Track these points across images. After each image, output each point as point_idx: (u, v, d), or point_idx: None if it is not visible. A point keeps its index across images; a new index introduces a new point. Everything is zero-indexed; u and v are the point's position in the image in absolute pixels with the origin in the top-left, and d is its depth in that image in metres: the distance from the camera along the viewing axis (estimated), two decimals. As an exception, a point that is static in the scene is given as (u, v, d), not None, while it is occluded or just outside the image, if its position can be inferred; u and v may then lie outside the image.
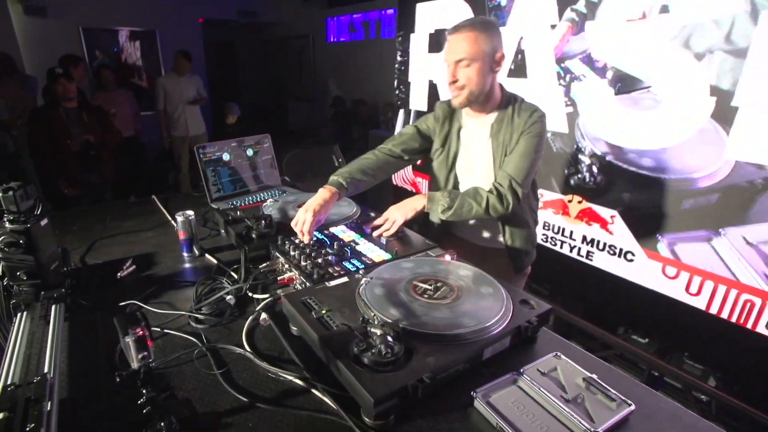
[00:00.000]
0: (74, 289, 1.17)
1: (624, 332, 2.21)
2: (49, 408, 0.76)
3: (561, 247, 2.39)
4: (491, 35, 1.34)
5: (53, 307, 1.08)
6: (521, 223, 1.53)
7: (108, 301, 1.16)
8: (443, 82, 3.02)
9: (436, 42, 2.92)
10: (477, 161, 1.53)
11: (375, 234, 1.38)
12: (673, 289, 1.93)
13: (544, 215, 2.46)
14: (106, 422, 0.84)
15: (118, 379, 0.80)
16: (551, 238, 2.45)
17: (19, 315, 1.06)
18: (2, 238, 1.06)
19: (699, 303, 1.85)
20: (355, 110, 5.84)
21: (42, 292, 1.10)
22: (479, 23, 1.34)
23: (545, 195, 2.43)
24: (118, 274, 1.30)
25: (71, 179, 3.15)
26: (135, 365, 0.79)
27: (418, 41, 3.08)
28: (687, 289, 1.89)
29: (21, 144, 3.78)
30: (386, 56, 4.53)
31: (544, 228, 2.47)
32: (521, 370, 0.88)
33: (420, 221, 1.66)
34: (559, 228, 2.40)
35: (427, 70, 3.07)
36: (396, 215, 1.40)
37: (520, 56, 2.40)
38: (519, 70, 2.40)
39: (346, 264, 1.18)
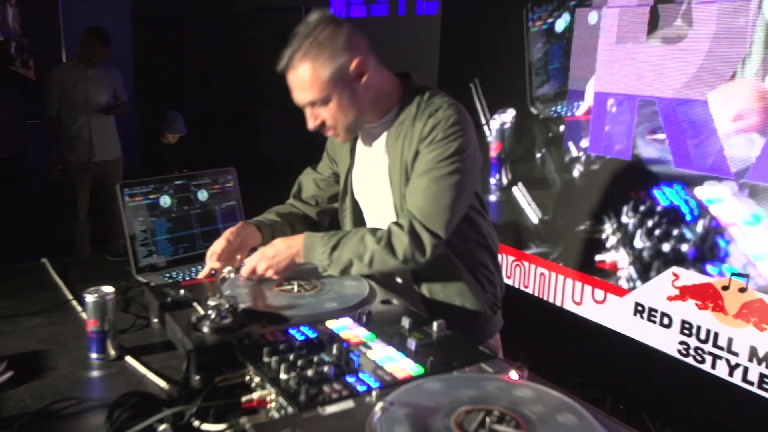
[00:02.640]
0: None
1: None
2: None
3: (714, 367, 2.39)
4: (330, 55, 1.61)
5: None
6: (447, 275, 1.79)
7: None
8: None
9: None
10: (374, 184, 1.83)
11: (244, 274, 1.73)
12: None
13: (680, 310, 2.48)
14: None
15: None
16: (695, 350, 2.45)
17: None
18: None
19: None
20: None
21: None
22: (307, 47, 1.61)
23: (681, 276, 2.47)
24: (-15, 385, 1.36)
25: None
26: None
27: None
28: None
29: None
30: (423, 40, 4.76)
31: (682, 332, 2.48)
32: None
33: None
34: (708, 333, 2.41)
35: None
36: (261, 265, 1.71)
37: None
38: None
39: (352, 380, 1.23)
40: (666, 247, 2.58)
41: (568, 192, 3.06)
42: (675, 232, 2.53)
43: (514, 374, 1.24)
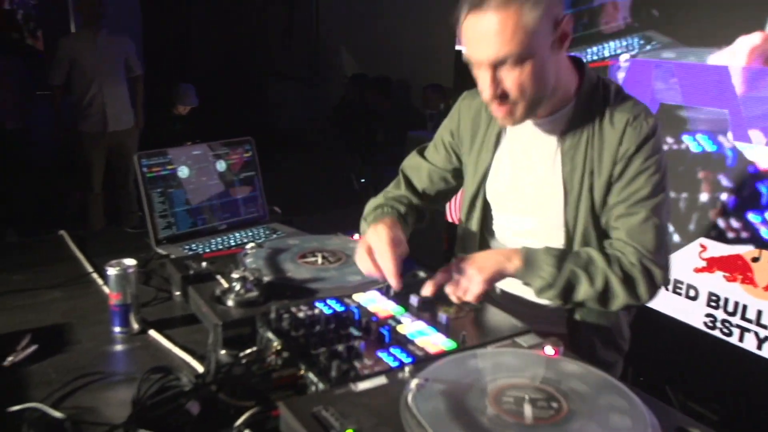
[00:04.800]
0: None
1: None
2: None
3: (741, 340, 2.37)
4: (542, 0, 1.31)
5: None
6: None
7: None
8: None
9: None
10: (532, 191, 1.58)
11: (454, 296, 1.42)
12: None
13: (707, 282, 2.44)
14: None
15: None
16: (722, 322, 2.42)
17: None
18: None
19: None
20: (382, 96, 5.98)
21: None
22: None
23: (708, 247, 2.43)
24: (8, 358, 1.36)
25: None
26: None
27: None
28: None
29: None
30: (438, 6, 4.68)
31: (708, 304, 2.45)
32: None
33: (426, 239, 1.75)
34: (736, 305, 2.38)
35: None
36: (475, 278, 1.42)
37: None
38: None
39: (383, 355, 1.21)
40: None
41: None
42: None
43: (549, 349, 1.22)
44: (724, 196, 2.43)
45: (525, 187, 1.60)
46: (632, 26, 2.71)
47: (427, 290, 1.44)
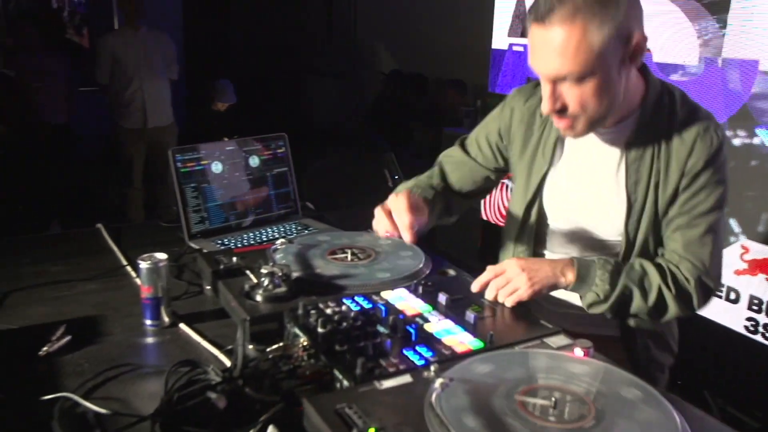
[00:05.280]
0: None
1: None
2: None
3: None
4: (611, 18, 1.25)
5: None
6: None
7: (25, 392, 1.24)
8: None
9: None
10: (592, 201, 1.55)
11: (490, 296, 1.40)
12: None
13: (748, 285, 2.37)
14: None
15: None
16: (765, 326, 2.36)
17: None
18: None
19: None
20: (418, 94, 5.97)
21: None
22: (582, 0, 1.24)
23: (751, 249, 2.37)
24: (43, 348, 1.39)
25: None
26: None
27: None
28: None
29: None
30: (475, 4, 4.65)
31: (750, 308, 2.39)
32: None
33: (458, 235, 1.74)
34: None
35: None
36: (520, 282, 1.38)
37: None
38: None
39: (409, 353, 1.20)
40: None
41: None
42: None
43: (579, 351, 1.20)
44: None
45: (585, 197, 1.57)
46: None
47: (476, 287, 1.43)
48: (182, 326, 1.51)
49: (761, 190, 2.38)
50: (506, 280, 1.40)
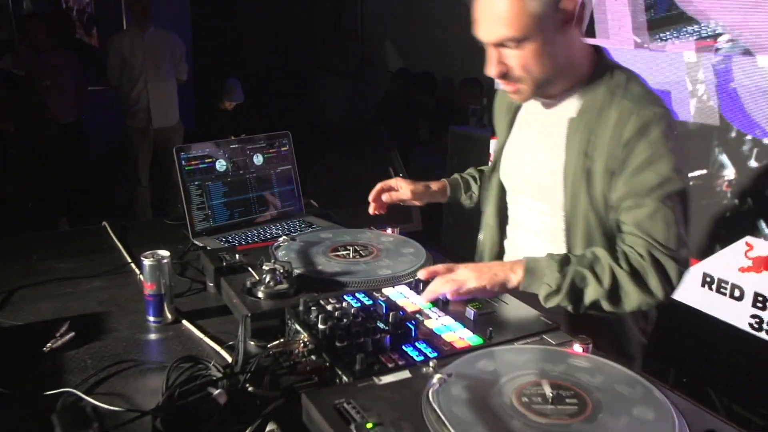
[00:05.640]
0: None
1: None
2: None
3: (789, 342, 2.28)
4: None
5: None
6: None
7: (29, 387, 1.24)
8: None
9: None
10: (536, 173, 1.58)
11: (426, 296, 1.38)
12: None
13: (753, 282, 2.36)
14: None
15: None
16: (768, 323, 2.34)
17: None
18: None
19: None
20: (425, 92, 5.96)
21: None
22: None
23: (755, 246, 2.35)
24: (48, 344, 1.40)
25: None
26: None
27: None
28: None
29: None
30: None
31: (755, 305, 2.37)
32: None
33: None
34: (783, 307, 2.30)
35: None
36: (468, 277, 1.38)
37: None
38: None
39: (408, 349, 1.21)
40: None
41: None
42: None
43: (578, 347, 1.20)
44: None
45: (532, 169, 1.61)
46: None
47: (422, 274, 1.43)
48: (185, 323, 1.52)
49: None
50: (452, 273, 1.40)
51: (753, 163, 2.39)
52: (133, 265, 1.88)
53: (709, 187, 2.55)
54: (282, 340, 1.31)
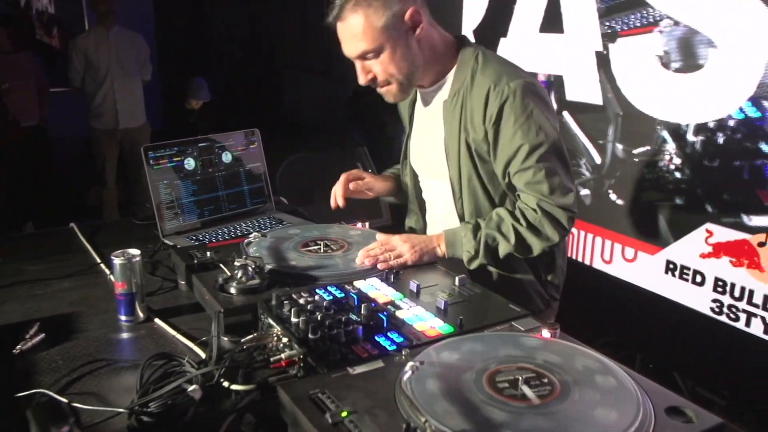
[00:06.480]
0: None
1: None
2: None
3: (748, 325, 2.35)
4: (383, 3, 1.55)
5: None
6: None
7: (1, 389, 1.23)
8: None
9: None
10: (430, 153, 1.79)
11: (360, 261, 1.58)
12: None
13: (713, 268, 2.44)
14: None
15: None
16: (729, 307, 2.41)
17: None
18: None
19: None
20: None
21: None
22: None
23: (715, 232, 2.42)
24: (17, 346, 1.39)
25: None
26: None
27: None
28: None
29: None
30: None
31: (715, 290, 2.44)
32: None
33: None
34: (742, 291, 2.36)
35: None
36: (404, 249, 1.61)
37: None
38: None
39: (381, 339, 1.22)
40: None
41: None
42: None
43: (546, 332, 1.22)
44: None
45: (425, 151, 1.83)
46: None
47: (362, 255, 1.59)
48: (157, 321, 1.52)
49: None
50: (392, 249, 1.61)
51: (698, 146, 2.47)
52: (102, 265, 1.87)
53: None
54: (255, 334, 1.32)
